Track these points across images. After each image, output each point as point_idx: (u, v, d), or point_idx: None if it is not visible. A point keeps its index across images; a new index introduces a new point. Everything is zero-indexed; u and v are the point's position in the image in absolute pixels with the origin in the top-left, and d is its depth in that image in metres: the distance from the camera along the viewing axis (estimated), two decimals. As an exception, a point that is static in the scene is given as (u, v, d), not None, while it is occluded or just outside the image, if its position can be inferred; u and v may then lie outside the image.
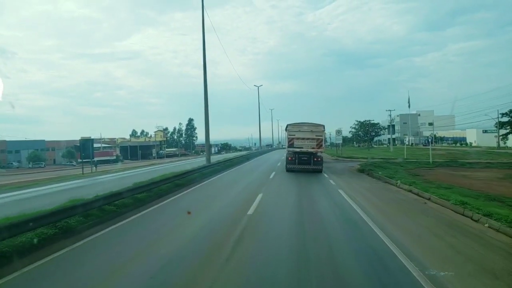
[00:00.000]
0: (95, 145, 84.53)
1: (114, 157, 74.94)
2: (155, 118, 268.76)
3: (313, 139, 20.20)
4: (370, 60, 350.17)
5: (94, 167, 47.70)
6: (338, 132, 44.45)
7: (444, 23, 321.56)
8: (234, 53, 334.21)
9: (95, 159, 63.58)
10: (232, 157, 33.74)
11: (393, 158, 31.23)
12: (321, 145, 20.48)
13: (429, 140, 34.84)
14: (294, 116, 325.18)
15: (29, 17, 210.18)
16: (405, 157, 31.82)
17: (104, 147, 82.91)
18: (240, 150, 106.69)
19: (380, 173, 17.93)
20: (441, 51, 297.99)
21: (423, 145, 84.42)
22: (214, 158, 37.29)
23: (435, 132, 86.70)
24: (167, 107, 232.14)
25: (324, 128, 21.20)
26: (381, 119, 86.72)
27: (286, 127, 21.51)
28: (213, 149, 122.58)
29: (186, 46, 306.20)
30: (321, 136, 20.53)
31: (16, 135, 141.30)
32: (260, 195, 11.50)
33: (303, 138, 20.25)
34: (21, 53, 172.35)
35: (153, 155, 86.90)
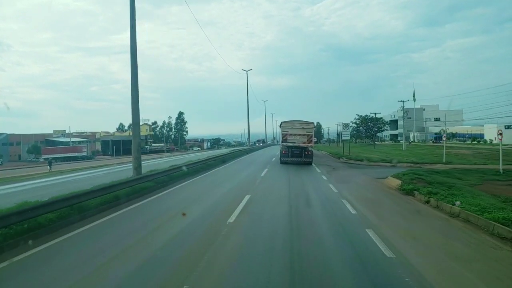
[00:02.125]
0: (63, 139, 75.44)
1: (84, 153, 65.37)
2: (151, 113, 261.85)
3: (304, 135, 22.14)
4: (367, 56, 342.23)
5: (48, 167, 39.41)
6: (345, 126, 35.15)
7: (442, 19, 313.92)
8: (231, 48, 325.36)
9: (55, 155, 54.58)
10: (204, 158, 24.42)
11: (431, 162, 22.28)
12: (311, 140, 22.61)
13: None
14: (291, 111, 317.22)
15: (24, 9, 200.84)
16: (444, 160, 22.71)
17: (75, 142, 73.19)
18: (234, 146, 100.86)
19: (458, 202, 8.82)
20: (439, 47, 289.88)
21: (433, 142, 75.37)
22: (183, 158, 28.22)
23: (446, 128, 77.69)
24: (162, 102, 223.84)
25: (314, 125, 24.09)
26: (382, 114, 77.32)
27: (280, 124, 23.52)
28: (205, 144, 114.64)
29: (182, 41, 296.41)
30: (311, 132, 22.54)
31: (10, 129, 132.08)
32: None
33: (295, 134, 22.16)
34: (17, 46, 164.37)
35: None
